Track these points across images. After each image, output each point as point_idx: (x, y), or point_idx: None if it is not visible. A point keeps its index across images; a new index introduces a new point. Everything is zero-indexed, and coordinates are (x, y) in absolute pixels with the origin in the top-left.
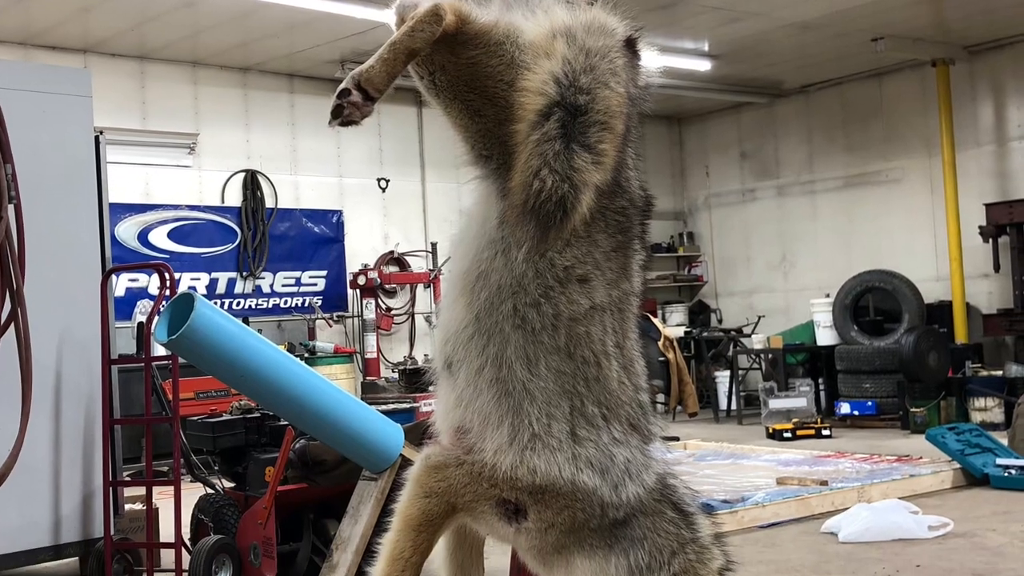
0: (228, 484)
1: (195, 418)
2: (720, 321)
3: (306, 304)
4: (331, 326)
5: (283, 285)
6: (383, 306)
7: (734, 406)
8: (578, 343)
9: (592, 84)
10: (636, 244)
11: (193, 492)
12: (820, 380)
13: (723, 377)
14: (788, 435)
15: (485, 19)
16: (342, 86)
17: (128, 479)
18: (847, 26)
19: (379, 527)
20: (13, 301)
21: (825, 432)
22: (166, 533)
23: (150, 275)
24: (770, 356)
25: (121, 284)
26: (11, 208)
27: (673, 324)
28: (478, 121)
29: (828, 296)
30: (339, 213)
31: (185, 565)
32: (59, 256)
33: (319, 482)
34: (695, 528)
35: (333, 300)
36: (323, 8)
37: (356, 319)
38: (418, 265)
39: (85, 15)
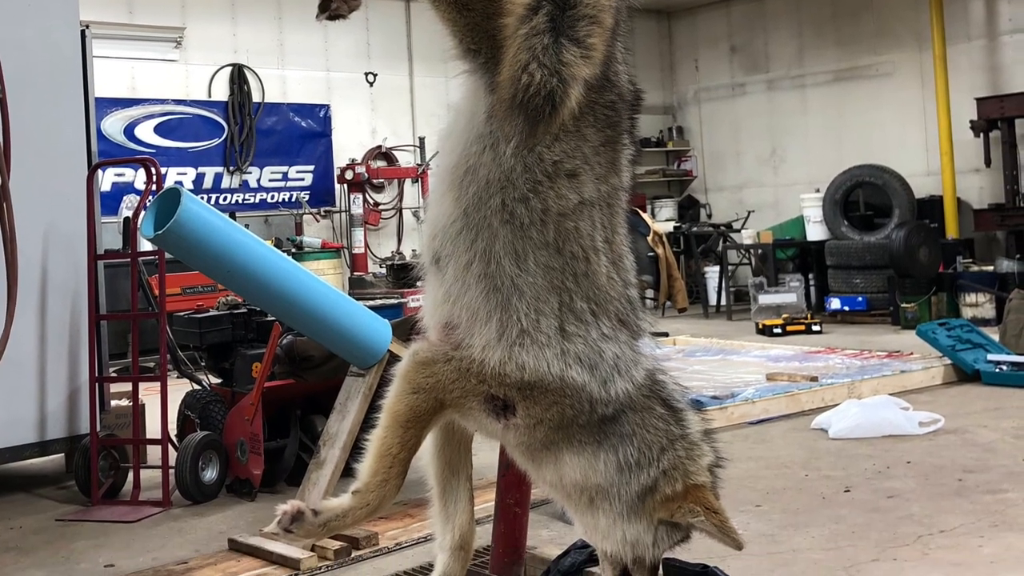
0: (215, 380)
1: (182, 314)
2: (710, 216)
3: (293, 199)
4: (318, 221)
5: (270, 180)
6: (371, 201)
7: (724, 301)
8: (567, 238)
9: None
10: (625, 139)
11: (179, 388)
12: (810, 275)
13: (713, 272)
14: (778, 331)
15: None
16: None
17: (114, 375)
18: None
19: (367, 423)
20: None
21: (815, 328)
22: (152, 429)
23: (136, 170)
24: (760, 251)
25: (107, 179)
26: None
27: (662, 219)
28: (466, 15)
29: (818, 191)
30: (326, 107)
31: (171, 461)
32: (45, 151)
33: (306, 378)
34: (684, 424)
35: (320, 195)
36: None
37: (343, 214)
38: (406, 160)
39: None
